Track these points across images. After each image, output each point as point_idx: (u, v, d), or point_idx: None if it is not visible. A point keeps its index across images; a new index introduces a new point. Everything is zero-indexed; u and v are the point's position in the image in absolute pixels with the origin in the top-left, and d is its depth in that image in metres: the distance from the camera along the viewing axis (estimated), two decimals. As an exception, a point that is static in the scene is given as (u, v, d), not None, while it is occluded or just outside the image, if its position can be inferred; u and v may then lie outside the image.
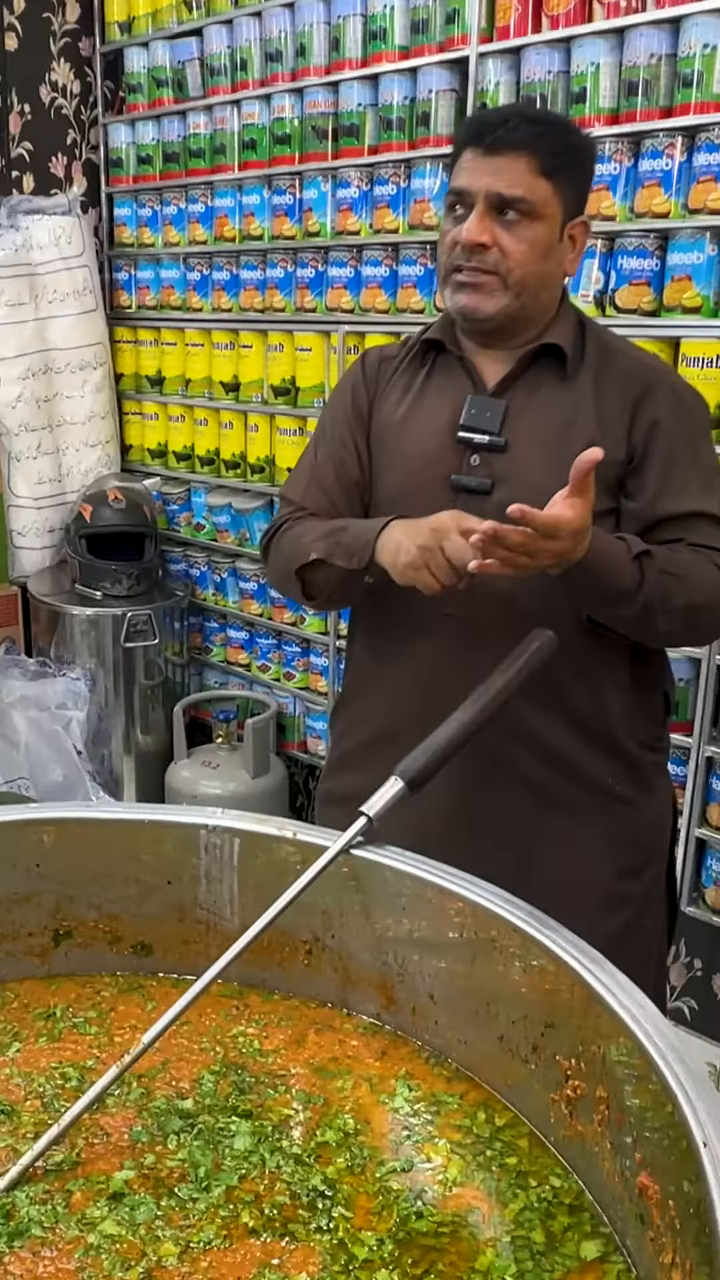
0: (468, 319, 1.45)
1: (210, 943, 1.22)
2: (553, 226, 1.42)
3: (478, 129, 1.41)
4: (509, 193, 1.38)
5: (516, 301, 1.42)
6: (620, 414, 1.46)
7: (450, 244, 1.43)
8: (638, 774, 1.55)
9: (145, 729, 3.28)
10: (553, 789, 1.51)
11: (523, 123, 1.39)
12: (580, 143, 1.45)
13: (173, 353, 3.41)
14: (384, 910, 1.14)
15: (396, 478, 1.52)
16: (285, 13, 2.85)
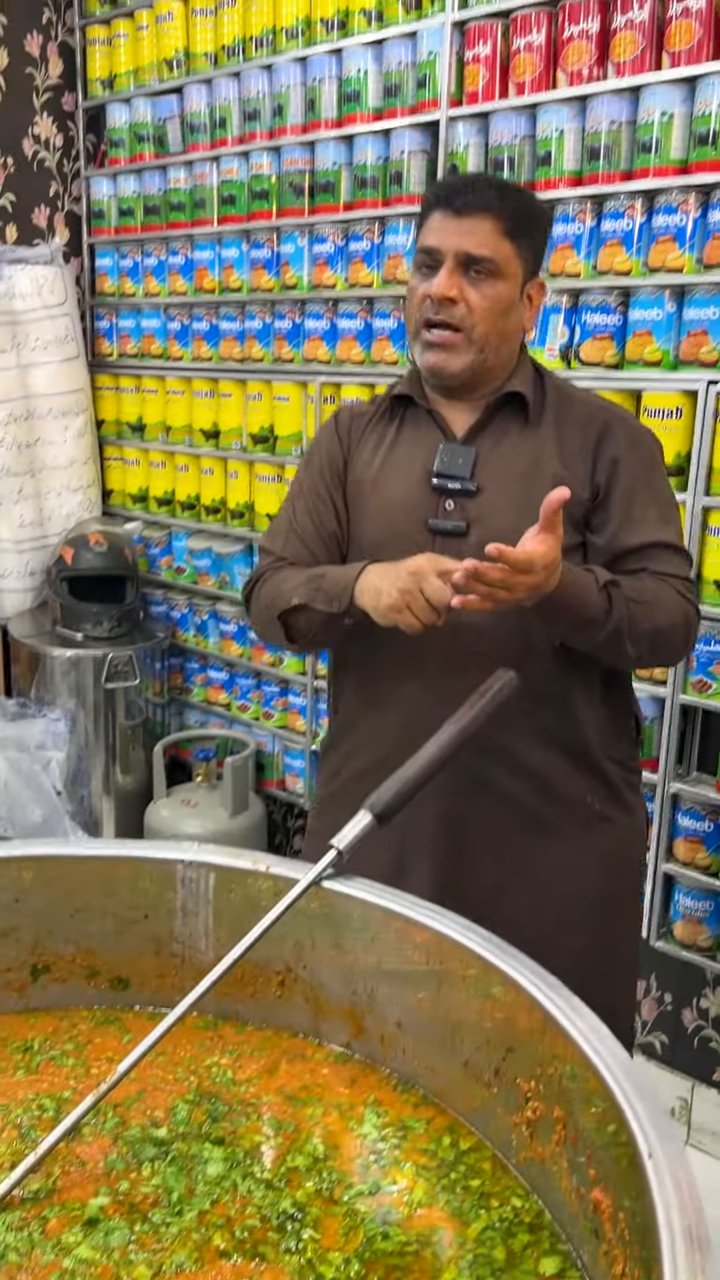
0: (436, 376, 1.55)
1: (185, 975, 1.25)
2: (514, 285, 1.53)
3: (447, 192, 1.52)
4: (476, 251, 1.49)
5: (480, 356, 1.53)
6: (582, 454, 1.56)
7: (420, 298, 1.53)
8: (615, 792, 1.63)
9: (125, 769, 3.31)
10: (533, 806, 1.58)
11: (488, 188, 1.52)
12: (539, 209, 1.58)
13: (154, 400, 3.48)
14: (354, 941, 1.18)
15: (377, 525, 1.59)
16: (263, 74, 2.95)
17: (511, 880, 1.59)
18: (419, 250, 1.54)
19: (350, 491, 1.63)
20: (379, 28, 2.66)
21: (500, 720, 1.46)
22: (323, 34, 2.78)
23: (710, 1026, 2.48)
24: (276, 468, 3.08)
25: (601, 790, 1.61)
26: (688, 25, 2.11)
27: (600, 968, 1.66)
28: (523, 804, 1.58)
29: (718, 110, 2.09)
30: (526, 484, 1.53)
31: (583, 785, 1.60)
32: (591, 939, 1.64)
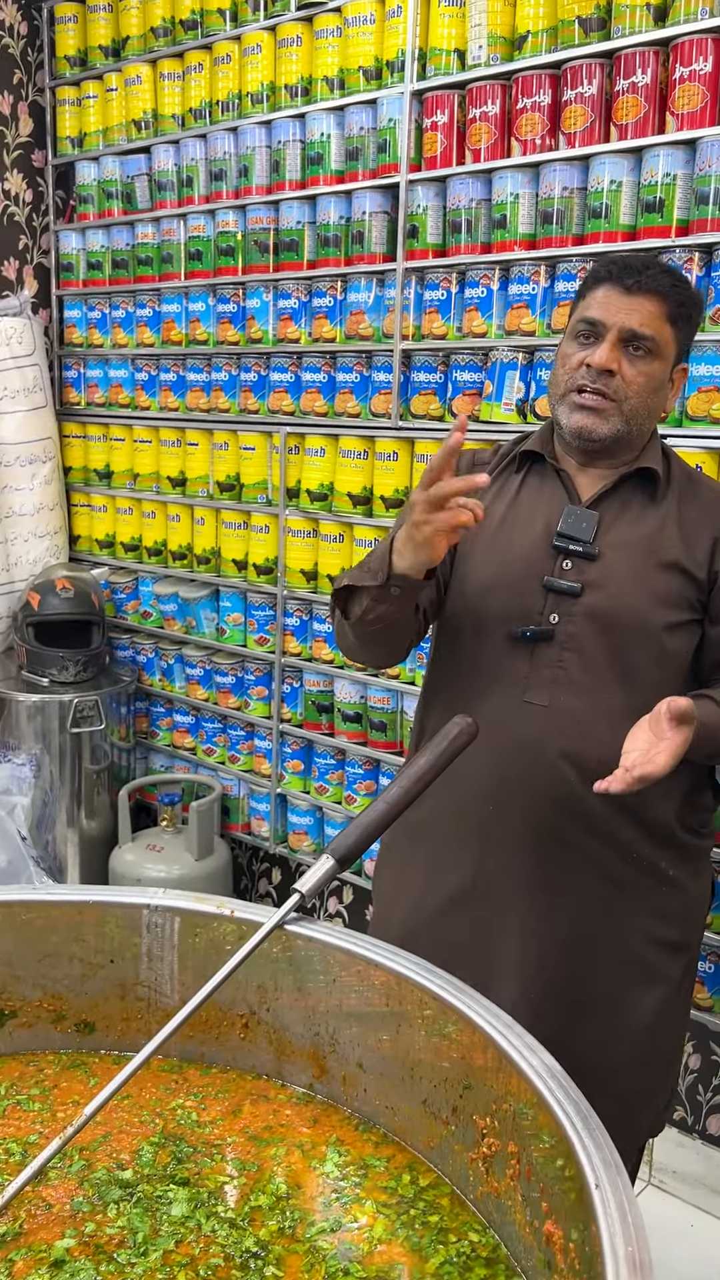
0: (582, 438, 1.59)
1: (151, 1019, 1.28)
2: (666, 366, 1.59)
3: (621, 270, 1.58)
4: (641, 330, 1.55)
5: (627, 427, 1.58)
6: (702, 539, 1.61)
7: (577, 364, 1.58)
8: (686, 855, 1.68)
9: (90, 813, 3.32)
10: (608, 863, 1.63)
11: (661, 273, 1.57)
12: (699, 300, 1.63)
13: (121, 448, 3.53)
14: (316, 984, 1.21)
15: (492, 572, 1.63)
16: (229, 136, 3.04)
17: (581, 927, 1.64)
18: (580, 319, 1.59)
19: (468, 536, 1.62)
20: (341, 95, 2.76)
21: (585, 795, 1.53)
22: (286, 99, 2.88)
23: (669, 1065, 2.52)
24: (243, 515, 3.14)
25: (674, 857, 1.66)
26: (634, 100, 2.22)
27: (661, 1028, 1.71)
28: (599, 859, 1.62)
29: (663, 179, 2.19)
30: (644, 557, 1.59)
31: (660, 854, 1.64)
32: (651, 999, 1.68)
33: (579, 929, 1.64)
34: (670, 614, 1.59)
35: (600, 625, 1.58)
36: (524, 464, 1.70)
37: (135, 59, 3.27)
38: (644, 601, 1.58)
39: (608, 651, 1.58)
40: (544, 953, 1.64)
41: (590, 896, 1.63)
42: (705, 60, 2.11)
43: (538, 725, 1.59)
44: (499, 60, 2.43)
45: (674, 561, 1.59)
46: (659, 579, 1.58)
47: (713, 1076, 2.44)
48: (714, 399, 2.17)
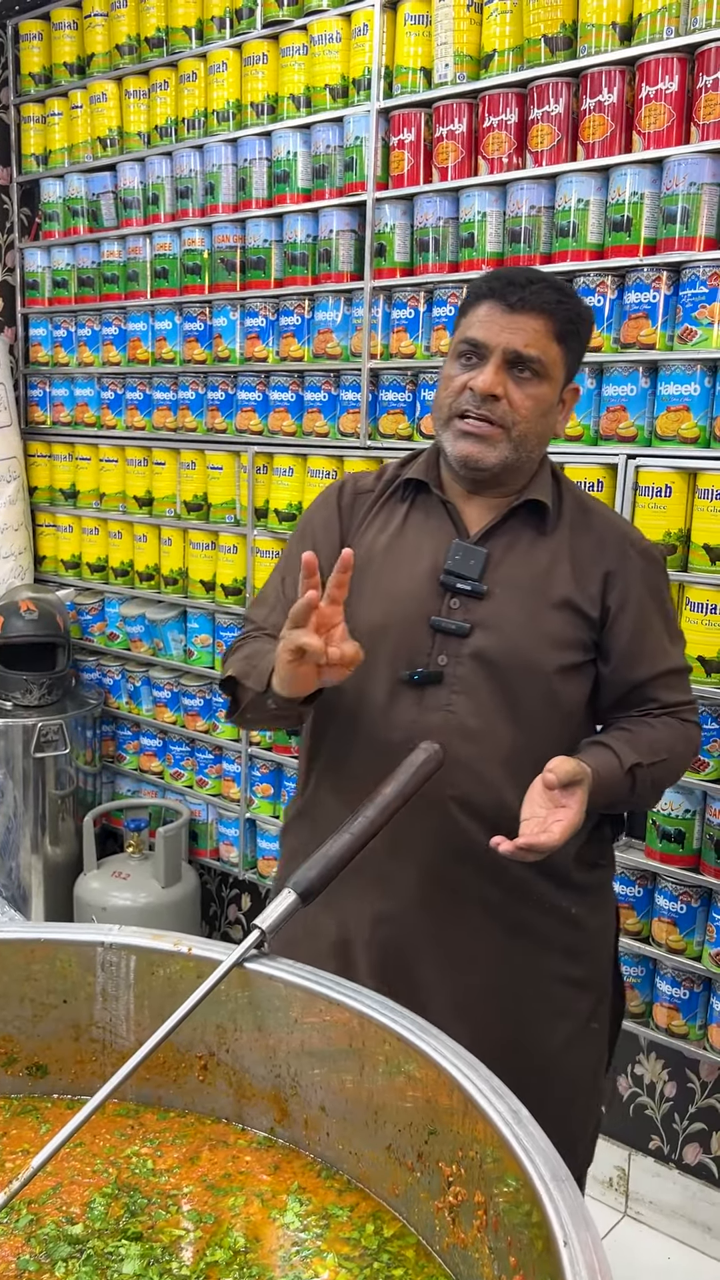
0: (468, 467, 1.49)
1: (106, 1062, 1.23)
2: (555, 388, 1.49)
3: (503, 286, 1.47)
4: (526, 351, 1.44)
5: (515, 455, 1.48)
6: (594, 573, 1.53)
7: (459, 388, 1.48)
8: (588, 892, 1.61)
9: (55, 840, 3.25)
10: (511, 910, 1.56)
11: (546, 289, 1.47)
12: (588, 315, 1.54)
13: (87, 467, 3.49)
14: (277, 1023, 1.17)
15: (377, 612, 1.53)
16: (195, 154, 3.02)
17: (490, 980, 1.57)
18: (462, 339, 1.49)
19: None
20: (307, 113, 2.75)
21: (482, 840, 1.47)
22: (253, 117, 2.86)
23: (645, 1094, 2.48)
24: (210, 535, 3.10)
25: (573, 893, 1.59)
26: (601, 119, 2.21)
27: (578, 1059, 1.66)
28: (499, 907, 1.55)
29: (630, 199, 2.18)
30: (535, 592, 1.51)
31: (561, 895, 1.58)
32: (567, 1032, 1.63)
33: (485, 978, 1.58)
34: (562, 656, 1.51)
35: (489, 667, 1.49)
36: (409, 492, 1.59)
37: (100, 76, 3.25)
38: (535, 643, 1.50)
39: (497, 694, 1.50)
40: (449, 1005, 1.55)
41: (495, 946, 1.57)
42: (671, 79, 2.11)
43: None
44: (465, 79, 2.42)
45: (565, 599, 1.51)
46: (550, 619, 1.51)
47: (689, 1104, 2.40)
48: (683, 418, 2.15)
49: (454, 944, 1.57)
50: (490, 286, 1.49)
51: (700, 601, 2.14)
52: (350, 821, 1.28)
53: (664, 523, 2.18)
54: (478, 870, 1.53)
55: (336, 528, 1.60)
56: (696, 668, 2.16)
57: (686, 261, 2.13)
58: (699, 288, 2.11)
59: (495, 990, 1.58)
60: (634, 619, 1.53)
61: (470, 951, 1.57)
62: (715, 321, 2.11)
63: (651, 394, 2.22)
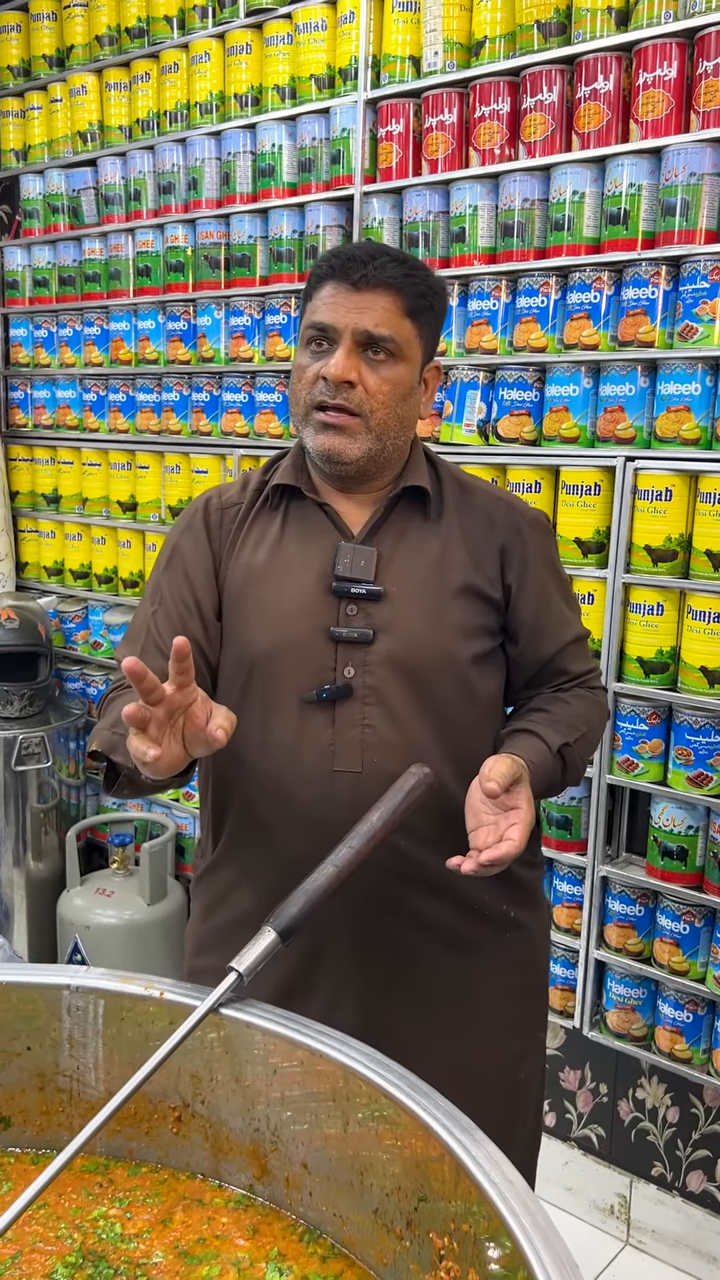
0: (331, 462, 1.40)
1: (74, 1113, 1.15)
2: (413, 368, 1.40)
3: (344, 264, 1.37)
4: (377, 331, 1.35)
5: (379, 444, 1.39)
6: (489, 553, 1.45)
7: (312, 379, 1.38)
8: (526, 893, 1.55)
9: (38, 855, 3.16)
10: (454, 927, 1.47)
11: (390, 262, 1.37)
12: (440, 287, 1.44)
13: (70, 471, 3.40)
14: (255, 1073, 1.09)
15: (269, 634, 1.42)
16: (177, 148, 2.93)
17: (436, 1004, 1.49)
18: (309, 324, 1.39)
19: (229, 596, 1.45)
20: (293, 104, 2.66)
21: (416, 855, 1.40)
22: (236, 109, 2.77)
23: (646, 1119, 2.39)
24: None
25: (516, 896, 1.52)
26: (596, 107, 2.13)
27: (527, 1072, 1.60)
28: (445, 927, 1.47)
29: (627, 190, 2.10)
30: (434, 583, 1.42)
31: (500, 897, 1.50)
32: (519, 1048, 1.57)
33: (429, 1001, 1.49)
34: (473, 645, 1.43)
35: (400, 671, 1.40)
36: (280, 499, 1.47)
37: (80, 68, 3.16)
38: (443, 636, 1.41)
39: (413, 698, 1.40)
40: (391, 1031, 1.44)
41: (438, 966, 1.48)
42: (669, 65, 2.03)
43: (352, 795, 1.39)
44: (455, 67, 2.34)
45: (466, 585, 1.42)
46: (454, 609, 1.42)
47: (692, 1130, 2.32)
48: (683, 419, 2.07)
49: (392, 970, 1.47)
50: (331, 266, 1.38)
51: (703, 610, 2.06)
52: (334, 852, 1.20)
53: (664, 527, 2.10)
54: (418, 889, 1.44)
55: (207, 551, 1.46)
56: (699, 679, 2.08)
57: (686, 255, 2.04)
58: (700, 283, 2.02)
59: (447, 1015, 1.49)
60: (535, 593, 1.47)
61: (407, 981, 1.47)
62: (716, 318, 2.02)
63: (651, 394, 2.14)
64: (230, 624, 1.45)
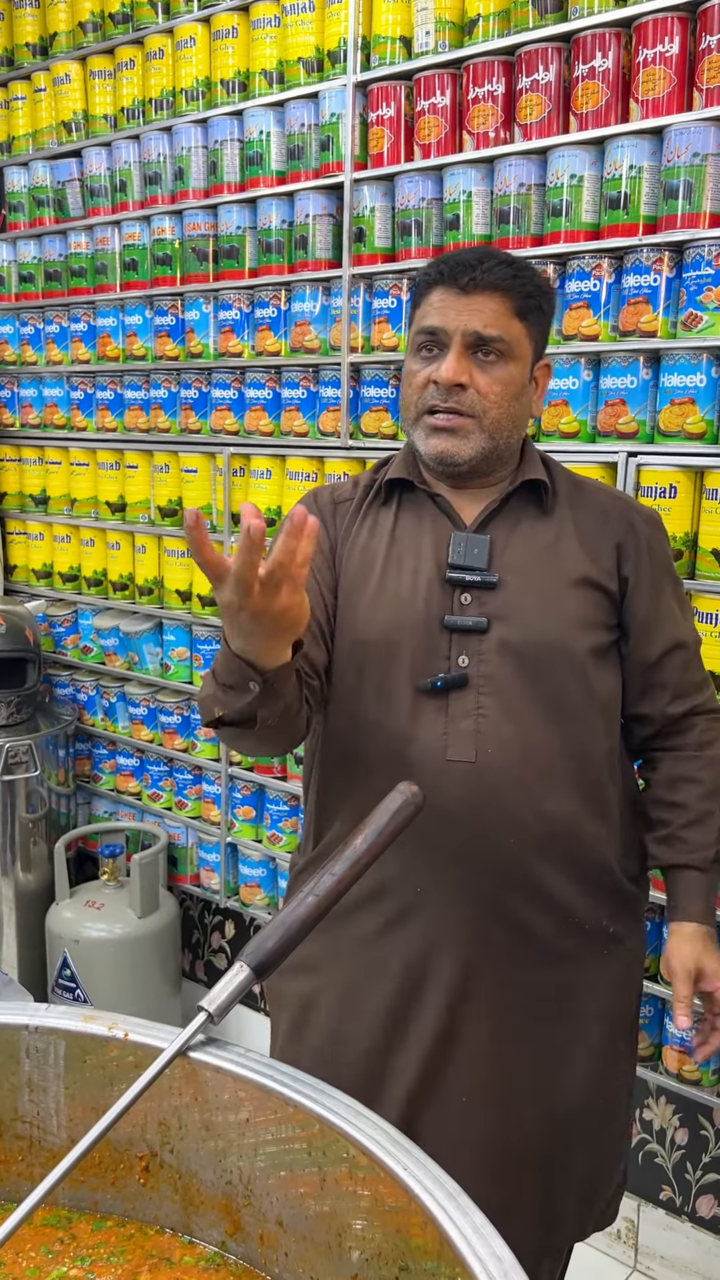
0: (443, 463, 1.41)
1: (34, 1162, 1.06)
2: (524, 367, 1.40)
3: (452, 269, 1.38)
4: (487, 332, 1.36)
5: (491, 443, 1.39)
6: (605, 546, 1.45)
7: (423, 383, 1.39)
8: (630, 909, 1.53)
9: (27, 866, 3.07)
10: (552, 937, 1.45)
11: (497, 264, 1.38)
12: (547, 287, 1.45)
13: (57, 472, 3.31)
14: (226, 1122, 1.00)
15: (385, 621, 1.42)
16: (163, 136, 2.84)
17: (531, 1015, 1.46)
18: (418, 330, 1.40)
19: (346, 584, 1.45)
20: (280, 89, 2.57)
21: (522, 856, 1.39)
22: (223, 95, 2.69)
23: (654, 1140, 2.30)
24: (186, 542, 2.92)
25: (619, 909, 1.50)
26: (595, 86, 2.04)
27: (617, 1090, 1.57)
28: (542, 937, 1.44)
29: (627, 173, 2.01)
30: (547, 572, 1.41)
31: (602, 911, 1.47)
32: (617, 1068, 1.55)
33: (527, 1014, 1.45)
34: (590, 637, 1.41)
35: (516, 660, 1.39)
36: (392, 494, 1.49)
37: (64, 56, 3.07)
38: (560, 625, 1.40)
39: (529, 689, 1.39)
40: (488, 1046, 1.45)
41: (536, 978, 1.45)
42: (671, 41, 1.93)
43: (466, 787, 1.38)
44: (448, 47, 2.25)
45: (583, 577, 1.42)
46: (571, 599, 1.41)
47: (702, 1154, 2.23)
48: (688, 412, 1.98)
49: (492, 979, 1.43)
50: (440, 271, 1.40)
51: (710, 611, 1.97)
52: (315, 881, 1.11)
53: (669, 526, 1.99)
54: (522, 894, 1.42)
55: (324, 537, 1.47)
56: (706, 682, 1.98)
57: (690, 240, 1.95)
58: (704, 269, 1.93)
59: (536, 1025, 1.46)
60: (650, 588, 1.45)
61: (506, 988, 1.44)
62: (722, 305, 1.93)
63: (653, 386, 2.05)
64: (345, 612, 1.44)
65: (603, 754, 1.45)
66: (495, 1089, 1.45)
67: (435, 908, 1.41)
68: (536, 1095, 1.48)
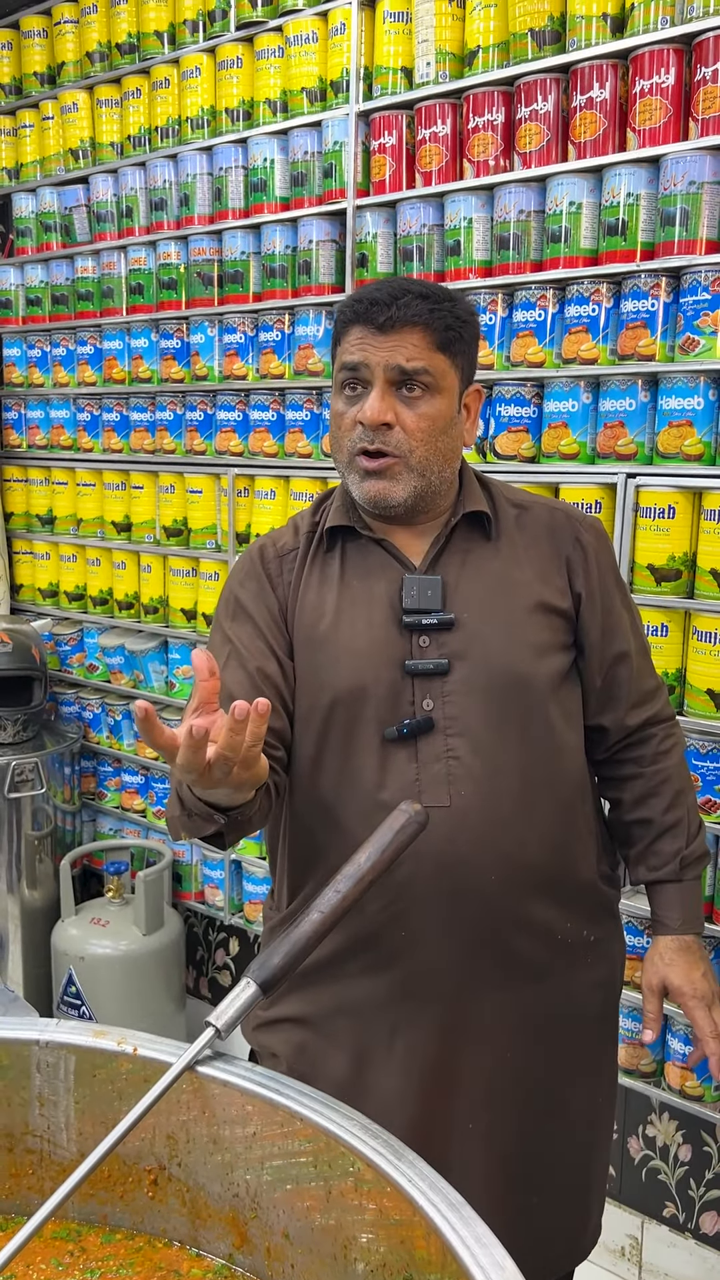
0: (378, 506, 1.38)
1: (44, 1175, 1.08)
2: (451, 398, 1.37)
3: (368, 308, 1.34)
4: (410, 365, 1.32)
5: (423, 480, 1.36)
6: (554, 565, 1.44)
7: (350, 424, 1.36)
8: (607, 910, 1.53)
9: (33, 883, 3.09)
10: (539, 958, 1.45)
11: (414, 300, 1.34)
12: (469, 314, 1.40)
13: (64, 492, 3.35)
14: (234, 1136, 1.02)
15: (344, 674, 1.39)
16: (169, 164, 2.89)
17: (519, 1039, 1.46)
18: (340, 368, 1.36)
19: (301, 641, 1.42)
20: (284, 118, 2.62)
21: (507, 890, 1.40)
22: (228, 124, 2.73)
23: (658, 1157, 2.31)
24: (191, 561, 2.96)
25: (600, 915, 1.51)
26: (592, 116, 2.08)
27: (606, 1088, 1.57)
28: (530, 960, 1.44)
29: (625, 200, 2.04)
30: (503, 605, 1.40)
31: (585, 922, 1.48)
32: (603, 1069, 1.57)
33: (521, 1034, 1.46)
34: (552, 662, 1.41)
35: (481, 697, 1.37)
36: (335, 540, 1.45)
37: (71, 85, 3.13)
38: (521, 655, 1.39)
39: (497, 724, 1.38)
40: (487, 1071, 1.45)
41: (526, 998, 1.45)
42: (666, 72, 1.97)
43: (444, 831, 1.36)
44: (448, 78, 2.29)
45: (538, 602, 1.41)
46: (528, 627, 1.40)
47: (705, 1170, 2.24)
48: (686, 434, 2.01)
49: (489, 1014, 1.43)
50: (355, 310, 1.35)
51: (709, 630, 1.99)
52: (320, 897, 1.13)
53: (668, 546, 2.03)
54: (510, 923, 1.41)
55: (272, 596, 1.44)
56: (705, 702, 2.01)
57: (687, 266, 1.98)
58: (701, 294, 1.97)
59: (531, 1059, 1.46)
60: (600, 600, 1.46)
61: (507, 1020, 1.44)
62: (718, 330, 1.96)
63: (652, 408, 2.08)
64: (304, 670, 1.42)
65: (573, 772, 1.45)
66: (498, 1111, 1.45)
67: (423, 948, 1.40)
68: (538, 1112, 1.49)
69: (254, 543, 1.51)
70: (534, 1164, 1.48)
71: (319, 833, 1.43)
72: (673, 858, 1.51)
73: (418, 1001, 1.42)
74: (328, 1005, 1.46)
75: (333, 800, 1.41)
